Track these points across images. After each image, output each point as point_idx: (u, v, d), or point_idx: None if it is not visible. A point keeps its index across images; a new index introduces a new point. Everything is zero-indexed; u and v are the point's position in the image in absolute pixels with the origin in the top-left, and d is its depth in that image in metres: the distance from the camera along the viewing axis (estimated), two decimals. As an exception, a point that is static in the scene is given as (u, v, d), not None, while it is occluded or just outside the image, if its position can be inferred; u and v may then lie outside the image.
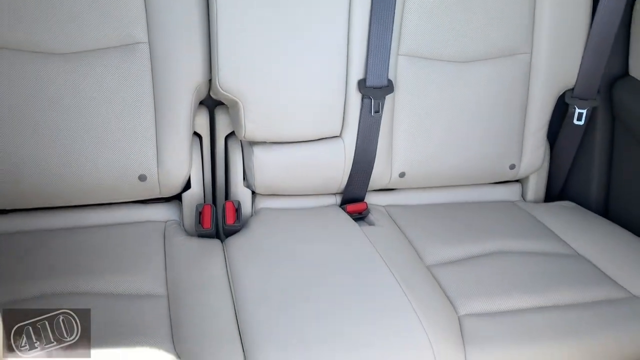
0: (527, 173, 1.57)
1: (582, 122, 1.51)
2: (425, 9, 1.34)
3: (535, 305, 1.14)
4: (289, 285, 1.10)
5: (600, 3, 1.39)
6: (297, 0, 1.25)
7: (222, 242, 1.30)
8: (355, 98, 1.35)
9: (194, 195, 1.39)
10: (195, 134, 1.40)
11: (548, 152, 1.59)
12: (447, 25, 1.36)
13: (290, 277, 1.13)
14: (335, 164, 1.39)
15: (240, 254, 1.21)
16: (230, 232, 1.32)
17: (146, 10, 1.22)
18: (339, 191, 1.47)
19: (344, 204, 1.47)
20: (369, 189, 1.47)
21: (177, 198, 1.41)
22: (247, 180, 1.42)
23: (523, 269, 1.24)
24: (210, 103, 1.43)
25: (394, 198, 1.53)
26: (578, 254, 1.33)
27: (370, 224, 1.41)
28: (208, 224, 1.31)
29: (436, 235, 1.35)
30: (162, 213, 1.39)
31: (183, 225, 1.38)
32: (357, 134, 1.37)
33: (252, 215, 1.41)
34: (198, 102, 1.35)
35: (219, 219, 1.37)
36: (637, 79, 1.46)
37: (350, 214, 1.42)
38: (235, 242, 1.26)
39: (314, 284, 1.11)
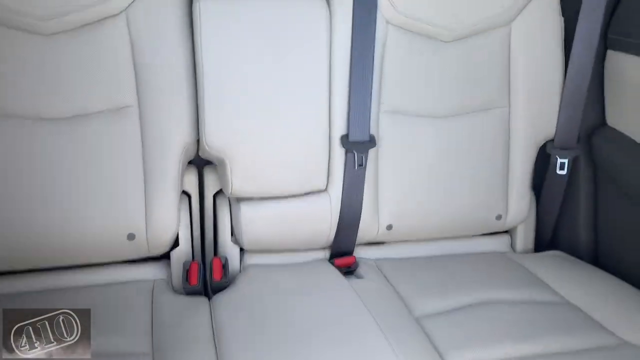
0: (515, 223, 1.58)
1: (565, 172, 1.53)
2: (402, 67, 1.40)
3: (526, 354, 1.12)
4: (274, 343, 1.09)
5: (571, 58, 1.45)
6: (280, 59, 1.31)
7: (209, 299, 1.29)
8: (339, 153, 1.39)
9: (182, 252, 1.40)
10: (184, 192, 1.43)
11: (534, 201, 1.61)
12: (425, 82, 1.42)
13: (276, 335, 1.12)
14: (322, 217, 1.41)
15: (226, 312, 1.21)
16: (218, 289, 1.32)
17: (135, 74, 1.27)
18: (327, 245, 1.48)
19: (332, 257, 1.47)
20: (357, 242, 1.47)
21: (166, 256, 1.42)
22: (235, 236, 1.43)
23: (513, 319, 1.22)
24: (199, 162, 1.46)
25: (383, 251, 1.53)
26: (568, 302, 1.32)
27: (359, 277, 1.41)
28: (195, 280, 1.31)
29: (425, 287, 1.34)
30: (150, 272, 1.39)
31: (171, 284, 1.38)
32: (343, 188, 1.40)
33: (240, 272, 1.41)
34: (187, 162, 1.39)
35: (206, 276, 1.37)
36: (614, 129, 1.49)
37: (339, 268, 1.42)
38: (222, 299, 1.26)
39: (301, 342, 1.10)
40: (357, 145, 1.37)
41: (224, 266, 1.36)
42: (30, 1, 1.20)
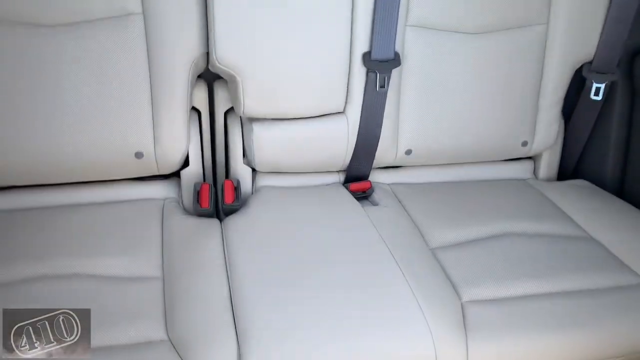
0: (540, 150, 1.51)
1: (599, 97, 1.43)
2: None
3: (542, 292, 1.10)
4: (286, 269, 1.07)
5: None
6: None
7: (221, 221, 1.26)
8: (359, 72, 1.29)
9: (192, 172, 1.35)
10: (194, 109, 1.36)
11: (562, 128, 1.52)
12: None
13: (288, 260, 1.09)
14: (338, 141, 1.34)
15: (237, 235, 1.18)
16: (230, 212, 1.29)
17: None
18: (342, 169, 1.42)
19: (347, 182, 1.42)
20: (373, 166, 1.42)
21: (177, 175, 1.38)
22: (247, 157, 1.37)
23: (531, 253, 1.19)
24: (210, 77, 1.37)
25: (399, 176, 1.48)
26: (590, 236, 1.28)
27: (374, 203, 1.37)
28: (206, 203, 1.27)
29: (442, 217, 1.30)
30: (160, 191, 1.35)
31: (182, 204, 1.35)
32: (362, 111, 1.32)
33: (252, 194, 1.37)
34: (196, 76, 1.30)
35: (218, 198, 1.33)
36: (660, 52, 1.38)
37: (353, 192, 1.38)
38: (234, 222, 1.23)
39: (313, 268, 1.08)
40: (380, 65, 1.27)
41: (236, 189, 1.32)
42: None
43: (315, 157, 1.36)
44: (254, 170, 1.40)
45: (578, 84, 1.46)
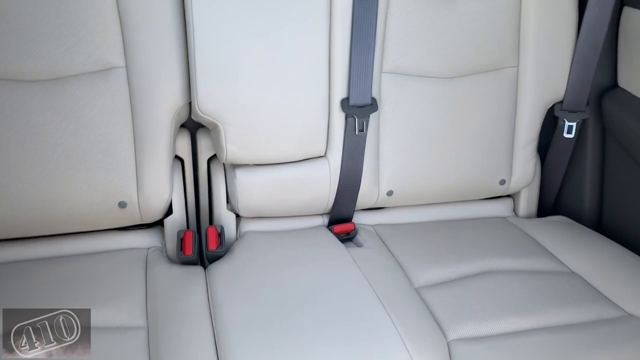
0: (518, 188, 1.54)
1: (572, 135, 1.48)
2: (407, 25, 1.32)
3: (528, 328, 1.10)
4: (271, 313, 1.07)
5: (585, 15, 1.37)
6: (276, 19, 1.23)
7: (205, 268, 1.26)
8: (338, 117, 1.32)
9: (176, 220, 1.36)
10: (177, 157, 1.37)
11: (539, 166, 1.56)
12: (431, 41, 1.34)
13: (272, 304, 1.09)
14: (320, 184, 1.36)
15: (222, 281, 1.18)
16: (214, 258, 1.29)
17: (122, 34, 1.19)
18: (325, 211, 1.44)
19: (331, 224, 1.44)
20: (356, 208, 1.44)
21: (160, 223, 1.38)
22: (230, 203, 1.38)
23: (515, 289, 1.20)
24: (192, 125, 1.40)
25: (382, 217, 1.50)
26: (571, 271, 1.29)
27: (359, 245, 1.37)
28: (190, 250, 1.27)
29: (426, 256, 1.31)
30: (144, 240, 1.35)
31: (166, 252, 1.35)
32: (342, 154, 1.35)
33: (236, 239, 1.38)
34: (179, 126, 1.33)
35: (202, 245, 1.34)
36: (626, 90, 1.43)
37: (337, 235, 1.39)
38: (218, 269, 1.23)
39: (297, 311, 1.07)
40: (358, 110, 1.31)
41: (220, 235, 1.32)
42: None
43: (299, 200, 1.38)
44: (237, 215, 1.40)
45: (551, 122, 1.51)
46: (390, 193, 1.42)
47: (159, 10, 1.21)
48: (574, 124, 1.47)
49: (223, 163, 1.37)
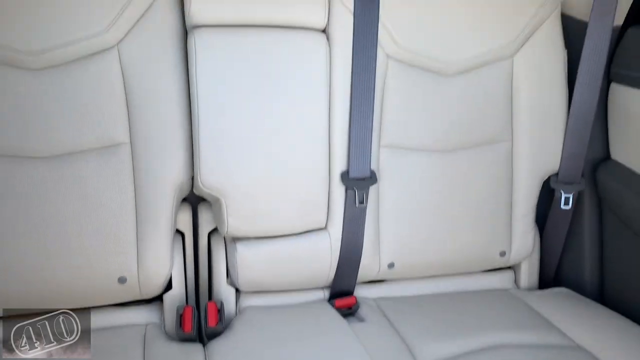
0: (519, 259, 1.54)
1: (569, 207, 1.50)
2: (403, 101, 1.36)
3: None
4: None
5: (575, 91, 1.42)
6: (278, 95, 1.27)
7: (204, 345, 1.23)
8: (339, 190, 1.34)
9: (175, 296, 1.34)
10: (178, 231, 1.37)
11: (538, 237, 1.57)
12: (426, 116, 1.38)
13: None
14: (321, 257, 1.36)
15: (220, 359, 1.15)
16: (213, 335, 1.26)
17: (128, 110, 1.22)
18: (326, 285, 1.42)
19: (332, 298, 1.42)
20: (357, 280, 1.42)
21: (159, 298, 1.36)
22: (230, 277, 1.37)
23: None
24: (193, 199, 1.41)
25: (384, 289, 1.48)
26: (577, 344, 1.27)
27: (360, 319, 1.35)
28: (189, 327, 1.25)
29: (429, 330, 1.29)
30: (142, 316, 1.32)
31: (164, 328, 1.32)
32: (343, 226, 1.35)
33: (236, 315, 1.35)
34: (180, 200, 1.34)
35: (201, 321, 1.31)
36: (618, 162, 1.47)
37: (338, 309, 1.37)
38: (217, 346, 1.20)
39: None
40: (358, 182, 1.33)
41: (220, 311, 1.30)
42: (19, 35, 1.16)
43: (299, 274, 1.37)
44: (237, 290, 1.39)
45: (548, 194, 1.53)
46: (391, 265, 1.41)
47: (165, 87, 1.24)
48: (571, 196, 1.49)
49: (224, 236, 1.37)
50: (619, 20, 1.41)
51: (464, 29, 1.37)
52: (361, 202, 1.34)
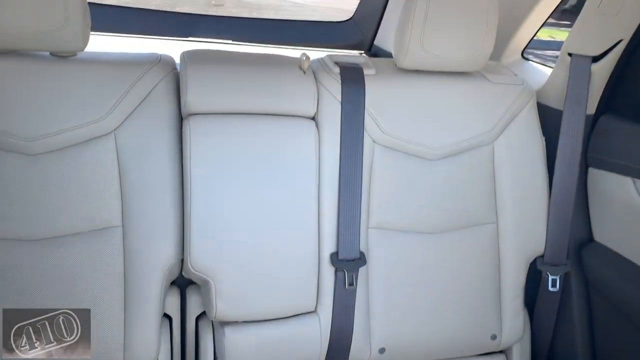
0: (510, 343, 1.52)
1: (557, 289, 1.51)
2: (389, 184, 1.41)
3: None
4: None
5: (555, 174, 1.48)
6: (269, 180, 1.31)
7: None
8: (328, 272, 1.35)
9: None
10: (165, 315, 1.35)
11: (528, 320, 1.56)
12: (412, 198, 1.42)
13: None
14: (310, 341, 1.34)
15: None
16: None
17: (122, 195, 1.25)
18: None
19: (322, 384, 1.38)
20: None
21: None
22: None
23: None
24: (182, 282, 1.40)
25: None
26: None
27: (351, 407, 1.31)
28: None
29: None
30: None
31: None
32: (333, 309, 1.35)
33: None
34: (169, 283, 1.33)
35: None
36: (602, 244, 1.50)
37: (328, 398, 1.33)
38: None
39: None
40: (347, 264, 1.34)
41: None
42: (17, 121, 1.20)
43: (289, 359, 1.34)
44: (224, 377, 1.35)
45: (535, 276, 1.54)
46: (382, 351, 1.39)
47: (158, 172, 1.28)
48: (557, 277, 1.50)
49: (212, 321, 1.36)
50: (591, 108, 1.50)
51: (445, 117, 1.44)
52: (351, 284, 1.34)
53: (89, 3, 1.26)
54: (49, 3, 1.17)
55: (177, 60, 1.38)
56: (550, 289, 1.51)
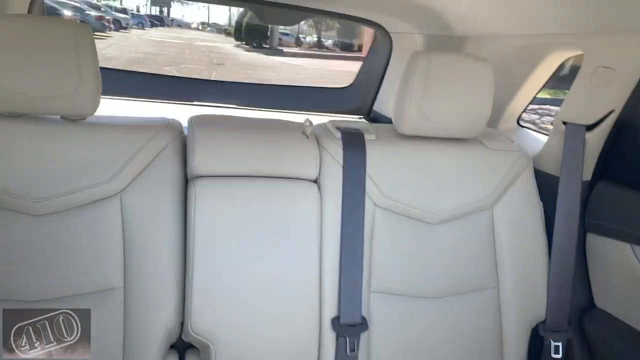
0: None
1: (559, 355, 1.49)
2: (391, 248, 1.42)
3: None
4: None
5: (554, 240, 1.49)
6: (270, 243, 1.32)
7: None
8: (329, 337, 1.34)
9: None
10: None
11: (532, 389, 1.54)
12: (413, 262, 1.43)
13: None
14: None
15: None
16: None
17: (124, 256, 1.26)
18: None
19: None
20: None
21: None
22: None
23: None
24: (181, 346, 1.38)
25: None
26: None
27: None
28: None
29: None
30: None
31: None
32: None
33: None
34: (169, 346, 1.31)
35: None
36: (604, 311, 1.49)
37: None
38: None
39: None
40: (349, 329, 1.33)
41: None
42: (24, 182, 1.22)
43: None
44: None
45: (538, 341, 1.52)
46: None
47: (161, 234, 1.29)
48: (560, 344, 1.49)
49: None
50: (587, 175, 1.53)
51: (445, 182, 1.47)
52: (352, 349, 1.33)
53: (100, 67, 1.30)
54: (63, 69, 1.21)
55: (184, 124, 1.42)
56: (553, 355, 1.49)
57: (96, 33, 10.09)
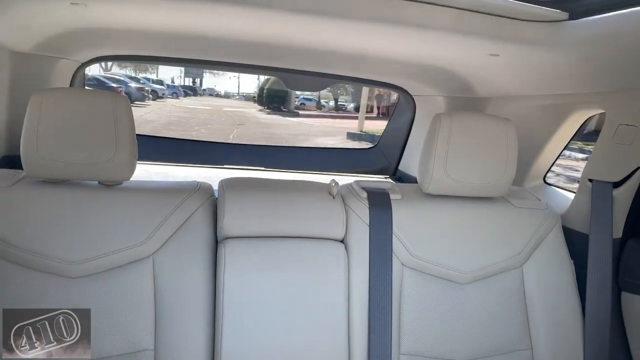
0: None
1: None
2: (420, 309, 1.40)
3: None
4: None
5: (587, 299, 1.46)
6: (299, 302, 1.32)
7: None
8: None
9: None
10: None
11: None
12: (443, 324, 1.41)
13: None
14: None
15: None
16: None
17: (155, 319, 1.27)
18: None
19: None
20: None
21: None
22: None
23: None
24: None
25: None
26: None
27: None
28: None
29: None
30: None
31: None
32: None
33: None
34: None
35: None
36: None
37: None
38: None
39: None
40: None
41: None
42: (60, 245, 1.25)
43: None
44: None
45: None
46: None
47: (192, 295, 1.31)
48: None
49: None
50: (617, 232, 1.51)
51: (472, 241, 1.47)
52: None
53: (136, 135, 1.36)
54: (102, 138, 1.28)
55: (215, 187, 1.47)
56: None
57: (137, 102, 10.82)
